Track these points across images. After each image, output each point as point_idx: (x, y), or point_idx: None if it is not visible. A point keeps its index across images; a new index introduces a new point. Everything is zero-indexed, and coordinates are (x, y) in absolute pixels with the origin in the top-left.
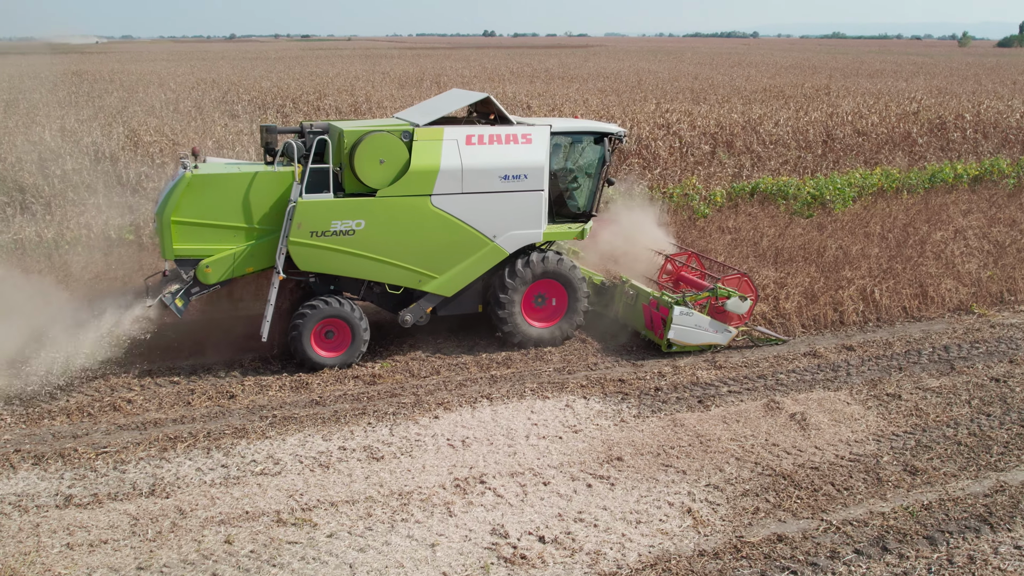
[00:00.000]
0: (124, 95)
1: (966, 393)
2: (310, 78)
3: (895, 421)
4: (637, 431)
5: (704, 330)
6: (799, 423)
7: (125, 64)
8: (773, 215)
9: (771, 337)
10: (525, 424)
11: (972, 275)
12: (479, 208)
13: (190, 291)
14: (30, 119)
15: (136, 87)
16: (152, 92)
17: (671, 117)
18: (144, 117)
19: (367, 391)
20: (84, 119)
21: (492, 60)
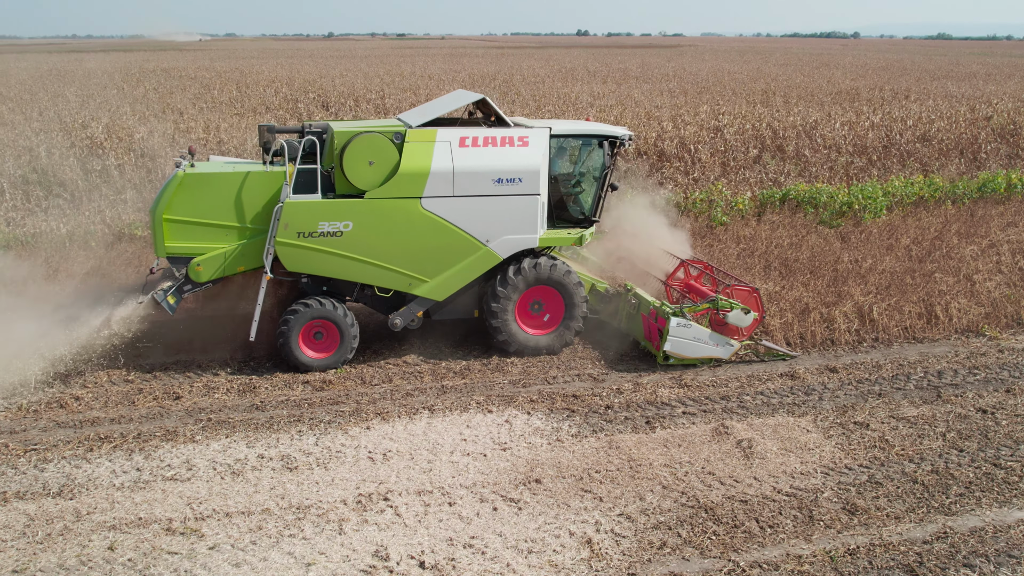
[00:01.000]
0: (197, 91)
1: (944, 424)
2: (383, 76)
3: (853, 453)
4: (568, 452)
5: (704, 343)
6: (744, 451)
7: (213, 61)
8: (797, 224)
9: (778, 352)
10: (455, 439)
11: (991, 293)
12: (471, 212)
13: (182, 289)
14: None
15: (213, 84)
16: (225, 89)
17: (724, 120)
18: (198, 114)
19: (311, 398)
20: (146, 115)
21: (573, 59)
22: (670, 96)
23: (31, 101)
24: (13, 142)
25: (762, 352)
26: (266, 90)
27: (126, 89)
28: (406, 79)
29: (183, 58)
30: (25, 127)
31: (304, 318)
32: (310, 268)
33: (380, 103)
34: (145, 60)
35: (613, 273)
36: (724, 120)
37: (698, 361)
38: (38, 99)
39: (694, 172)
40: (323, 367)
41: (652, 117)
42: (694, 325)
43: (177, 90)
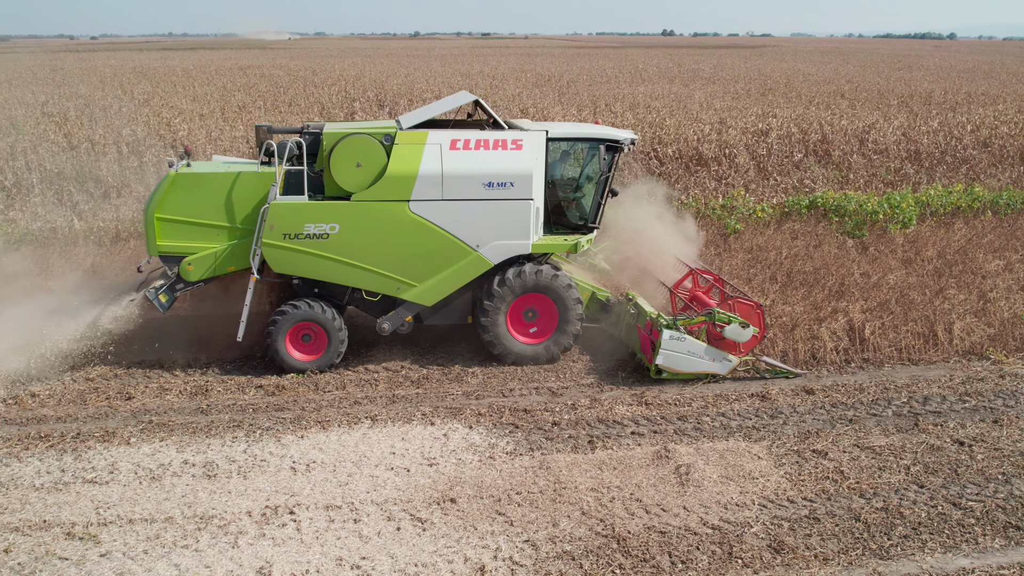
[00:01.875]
0: (266, 89)
1: (911, 456)
2: (449, 76)
3: (801, 484)
4: (496, 470)
5: (698, 358)
6: (681, 477)
7: (292, 60)
8: (818, 233)
9: (780, 369)
10: (384, 452)
11: (1003, 313)
12: (461, 216)
13: (174, 287)
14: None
15: (281, 82)
16: (291, 87)
17: (772, 122)
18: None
19: (259, 403)
20: (204, 113)
21: (649, 60)
22: (732, 98)
23: (95, 98)
24: (53, 139)
25: (763, 369)
26: (330, 88)
27: (194, 87)
28: (469, 78)
29: (263, 56)
30: (72, 123)
31: (291, 320)
32: (296, 270)
33: (422, 102)
34: (226, 58)
35: (622, 280)
36: (772, 123)
37: (693, 376)
38: (101, 96)
39: (728, 177)
40: (311, 369)
41: (697, 119)
42: (688, 338)
43: (243, 88)
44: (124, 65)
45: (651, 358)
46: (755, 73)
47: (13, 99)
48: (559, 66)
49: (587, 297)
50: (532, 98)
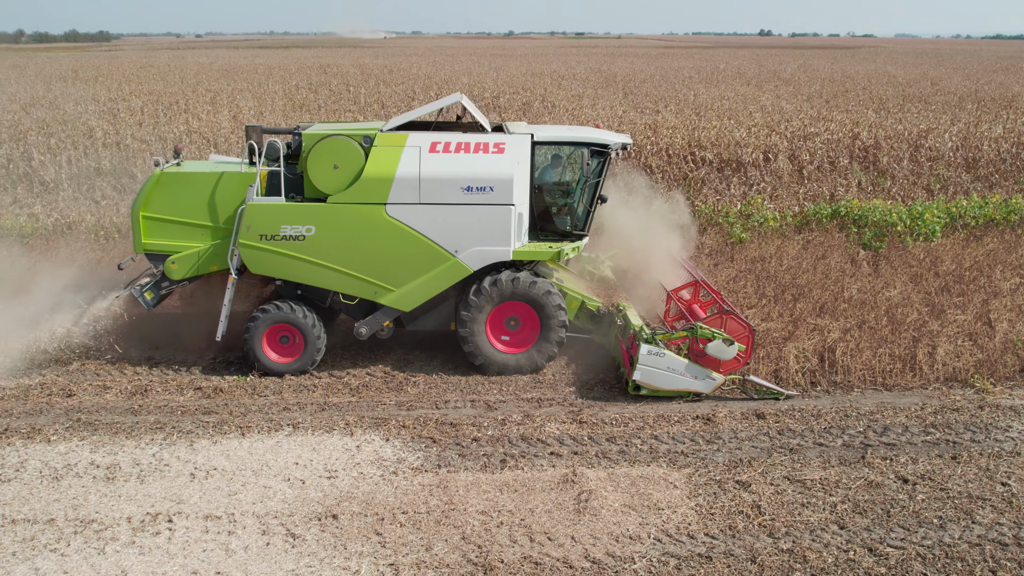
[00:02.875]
0: (336, 87)
1: (844, 493)
2: (521, 75)
3: (709, 518)
4: (391, 487)
5: (679, 374)
6: (580, 504)
7: (375, 59)
8: (831, 244)
9: (769, 390)
10: (288, 461)
11: (1000, 338)
12: (439, 220)
13: (159, 285)
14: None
15: (356, 80)
16: (365, 86)
17: (823, 127)
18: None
19: (192, 405)
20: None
21: (732, 60)
22: (802, 100)
23: (162, 95)
24: (98, 136)
25: (750, 389)
26: (396, 88)
27: (267, 85)
28: (538, 78)
29: (349, 55)
30: (122, 121)
31: (268, 321)
32: (273, 271)
33: (493, 102)
34: (313, 56)
35: (623, 289)
36: (824, 127)
37: (675, 394)
38: (169, 93)
39: (758, 183)
40: (288, 372)
41: (750, 122)
42: (668, 354)
43: (314, 86)
44: (213, 63)
45: (630, 373)
46: (838, 75)
47: (84, 96)
48: (638, 66)
49: (577, 306)
50: (593, 98)
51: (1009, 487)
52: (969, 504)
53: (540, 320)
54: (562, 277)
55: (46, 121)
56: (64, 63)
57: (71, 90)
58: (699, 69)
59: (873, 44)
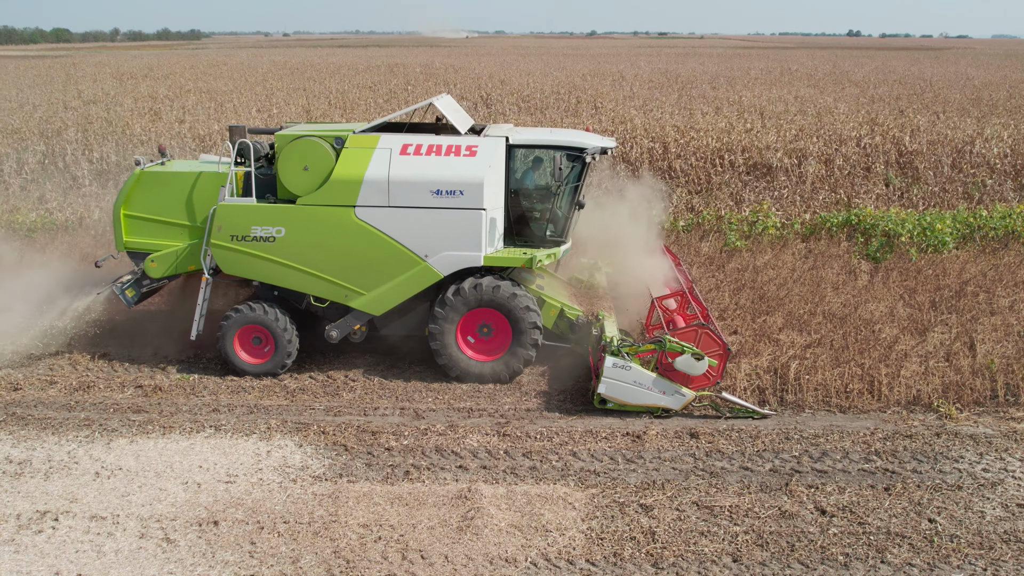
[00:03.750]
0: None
1: (751, 522)
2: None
3: (598, 543)
4: (284, 495)
5: (647, 389)
6: (465, 522)
7: (445, 58)
8: (831, 254)
9: (745, 408)
10: (194, 464)
11: (982, 359)
12: (409, 224)
13: (140, 283)
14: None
15: (418, 79)
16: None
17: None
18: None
19: (126, 403)
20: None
21: (805, 61)
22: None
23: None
24: (134, 134)
25: (724, 407)
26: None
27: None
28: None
29: (421, 54)
30: (163, 120)
31: (239, 322)
32: (244, 272)
33: (542, 102)
34: (387, 55)
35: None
36: (864, 130)
37: (643, 409)
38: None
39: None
40: (259, 373)
41: (778, 127)
42: (634, 367)
43: (378, 85)
44: (286, 62)
45: (596, 385)
46: (912, 77)
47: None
48: (709, 67)
49: (555, 314)
50: (644, 99)
51: (936, 524)
52: (885, 541)
53: (511, 326)
54: (544, 284)
55: (93, 118)
56: (143, 61)
57: (135, 87)
58: (769, 70)
59: (964, 45)
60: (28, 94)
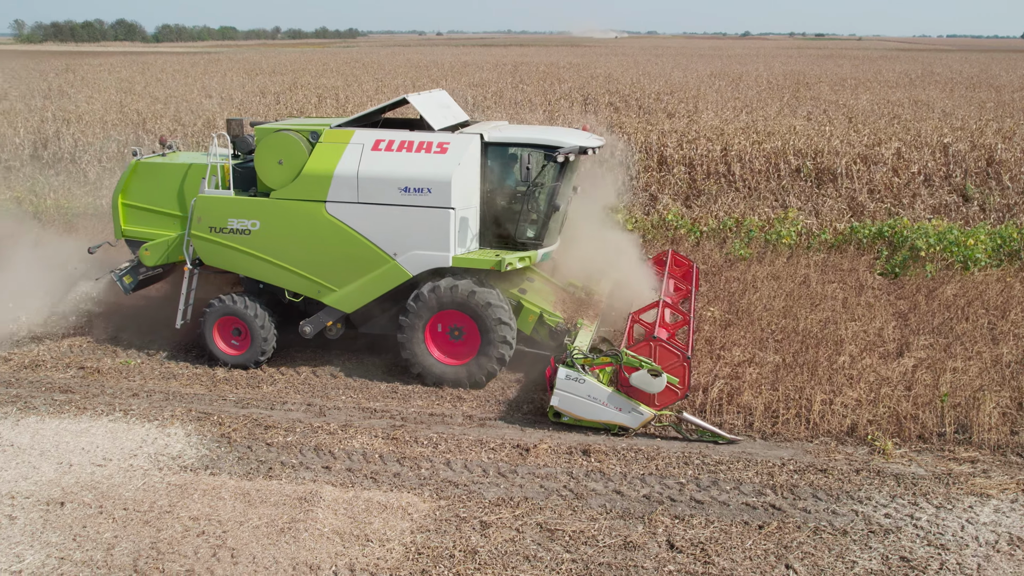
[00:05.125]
0: (508, 83)
1: (585, 551)
2: (692, 78)
3: (413, 557)
4: (140, 482)
5: (601, 404)
6: (291, 524)
7: (580, 58)
8: (845, 268)
9: (706, 431)
10: (80, 445)
11: (938, 390)
12: (377, 221)
13: (137, 270)
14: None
15: (532, 79)
16: (534, 84)
17: (954, 136)
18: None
19: (62, 382)
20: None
21: (955, 64)
22: (988, 108)
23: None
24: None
25: (686, 429)
26: (562, 85)
27: (444, 82)
28: (717, 79)
29: (553, 53)
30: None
31: (216, 313)
32: (222, 263)
33: (637, 102)
34: (520, 54)
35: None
36: (955, 136)
37: (599, 426)
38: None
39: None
40: (236, 364)
41: (858, 131)
42: (588, 380)
43: (486, 83)
44: (419, 59)
45: (550, 396)
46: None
47: (252, 89)
48: (847, 69)
49: (534, 319)
50: (748, 101)
51: (790, 572)
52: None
53: (479, 331)
54: (531, 288)
55: (181, 112)
56: (285, 57)
57: (254, 82)
58: (907, 73)
59: None
60: (155, 88)
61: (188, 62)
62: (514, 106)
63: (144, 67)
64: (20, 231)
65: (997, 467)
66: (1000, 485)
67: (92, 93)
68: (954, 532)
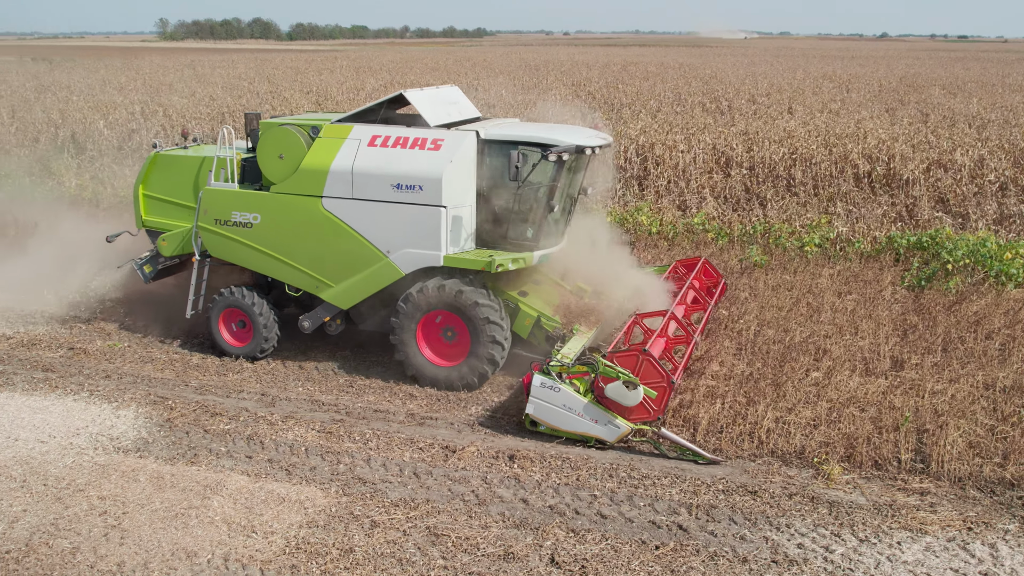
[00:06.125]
0: (602, 83)
1: (459, 560)
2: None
3: (291, 553)
4: (71, 460)
5: (577, 415)
6: (185, 509)
7: (695, 59)
8: (869, 279)
9: (686, 449)
10: (33, 422)
11: (904, 413)
12: (371, 218)
13: (156, 260)
14: None
15: (621, 78)
16: (625, 83)
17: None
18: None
19: (48, 362)
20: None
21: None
22: None
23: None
24: None
25: (665, 447)
26: (641, 84)
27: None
28: (822, 81)
29: (666, 53)
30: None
31: (221, 305)
32: (226, 255)
33: (729, 102)
34: (635, 54)
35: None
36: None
37: (577, 437)
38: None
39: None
40: (240, 355)
41: (937, 136)
42: (564, 389)
43: (587, 82)
44: (532, 58)
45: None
46: None
47: (351, 85)
48: (975, 72)
49: (530, 323)
50: (843, 103)
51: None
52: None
53: (469, 332)
54: (533, 290)
55: (266, 108)
56: (400, 56)
57: (353, 79)
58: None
59: None
60: (259, 84)
61: (305, 60)
62: (605, 105)
63: (262, 63)
64: (74, 216)
65: (949, 501)
66: (943, 521)
67: (198, 88)
68: (866, 569)
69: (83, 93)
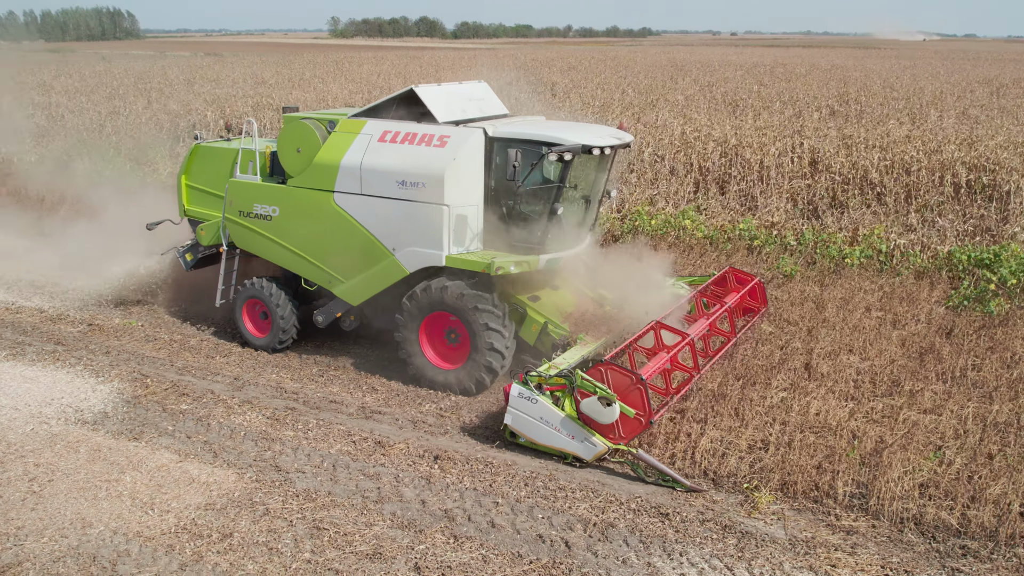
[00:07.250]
0: (740, 83)
1: (327, 555)
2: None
3: (178, 530)
4: (30, 430)
5: (553, 429)
6: (102, 482)
7: (848, 60)
8: (908, 296)
9: (665, 475)
10: (18, 391)
11: (867, 446)
12: (378, 214)
13: (196, 249)
14: None
15: (773, 80)
16: (774, 85)
17: None
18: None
19: (63, 335)
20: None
21: None
22: None
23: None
24: None
25: (644, 470)
26: (736, 84)
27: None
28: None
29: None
30: None
31: (244, 295)
32: (249, 247)
33: (810, 103)
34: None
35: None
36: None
37: (555, 452)
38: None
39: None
40: (261, 347)
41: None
42: (540, 401)
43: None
44: (684, 59)
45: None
46: None
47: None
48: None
49: (537, 329)
50: (984, 110)
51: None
52: None
53: (469, 335)
54: (547, 296)
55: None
56: (545, 55)
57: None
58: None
59: None
60: (389, 80)
61: (451, 58)
62: (727, 106)
63: (411, 60)
64: (150, 201)
65: (876, 544)
66: (858, 565)
67: (323, 84)
68: None
69: (229, 86)
